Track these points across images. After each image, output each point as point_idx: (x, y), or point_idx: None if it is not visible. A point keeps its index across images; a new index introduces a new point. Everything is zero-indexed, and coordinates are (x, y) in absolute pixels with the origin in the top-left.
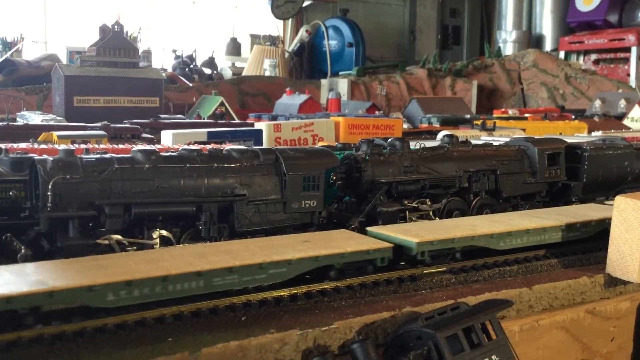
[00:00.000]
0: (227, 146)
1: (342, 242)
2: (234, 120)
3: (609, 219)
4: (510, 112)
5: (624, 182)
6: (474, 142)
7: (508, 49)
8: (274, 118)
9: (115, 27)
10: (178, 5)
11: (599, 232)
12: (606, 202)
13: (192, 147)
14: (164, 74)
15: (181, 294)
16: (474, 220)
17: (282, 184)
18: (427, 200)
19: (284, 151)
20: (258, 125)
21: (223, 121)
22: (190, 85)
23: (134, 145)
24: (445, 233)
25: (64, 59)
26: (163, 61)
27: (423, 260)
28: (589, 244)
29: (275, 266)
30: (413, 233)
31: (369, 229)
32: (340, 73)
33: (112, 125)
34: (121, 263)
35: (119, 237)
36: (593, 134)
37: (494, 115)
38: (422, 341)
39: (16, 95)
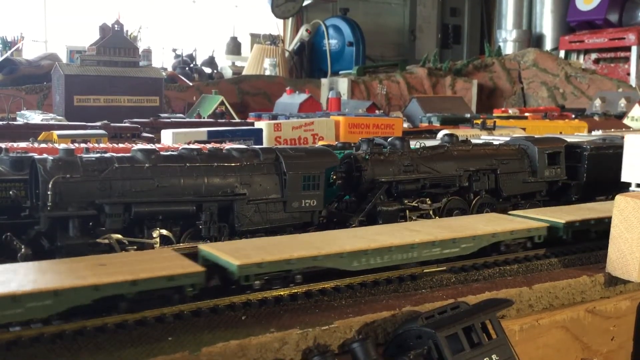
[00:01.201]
0: (227, 145)
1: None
2: (234, 119)
3: (500, 233)
4: (511, 111)
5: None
6: (474, 141)
7: (508, 48)
8: (274, 117)
9: (116, 26)
10: (178, 4)
11: (488, 248)
12: (511, 213)
13: (192, 146)
14: (164, 73)
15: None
16: (332, 235)
17: (282, 183)
18: (427, 199)
19: (284, 150)
20: (258, 125)
21: (223, 120)
22: (191, 84)
23: (134, 145)
24: (280, 253)
25: (64, 58)
26: (163, 60)
27: (250, 286)
28: (589, 244)
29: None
30: (240, 253)
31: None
32: (340, 72)
33: (112, 124)
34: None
35: (119, 236)
36: (593, 133)
37: (494, 115)
38: (422, 340)
39: (16, 94)
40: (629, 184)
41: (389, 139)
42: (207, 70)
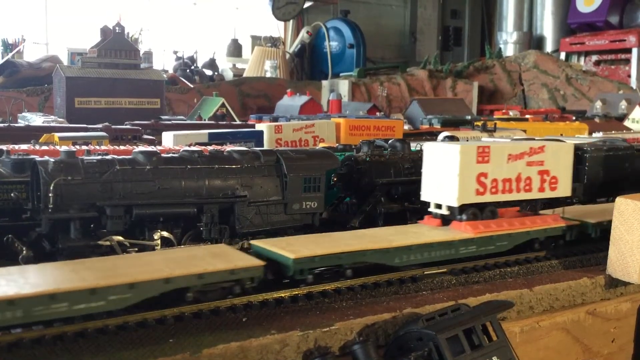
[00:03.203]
0: (228, 147)
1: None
2: (235, 121)
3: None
4: (511, 113)
5: (625, 183)
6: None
7: (509, 50)
8: (275, 119)
9: (117, 28)
10: (179, 6)
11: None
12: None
13: (193, 148)
14: (165, 76)
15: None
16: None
17: (283, 185)
18: None
19: (285, 152)
20: (259, 127)
21: (224, 122)
22: (191, 86)
23: (135, 147)
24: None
25: (65, 61)
26: (164, 62)
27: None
28: (589, 245)
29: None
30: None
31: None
32: (341, 74)
33: (113, 126)
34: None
35: (120, 238)
36: (594, 134)
37: (495, 117)
38: (423, 342)
39: (17, 96)
40: (633, 187)
41: (390, 141)
42: (208, 72)
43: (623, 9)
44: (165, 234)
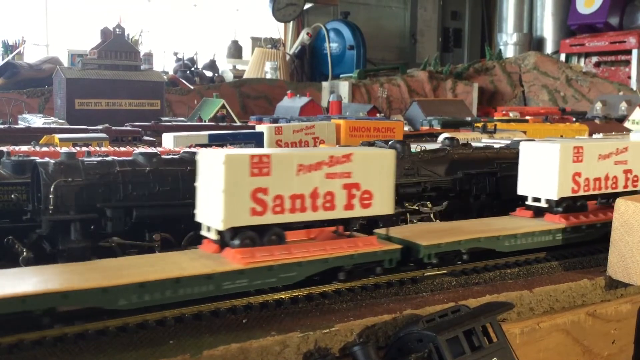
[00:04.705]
0: (229, 149)
1: None
2: (235, 122)
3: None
4: (512, 114)
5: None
6: (474, 144)
7: (509, 52)
8: (275, 120)
9: (117, 30)
10: (179, 8)
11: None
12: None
13: (193, 149)
14: (165, 77)
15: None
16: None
17: None
18: (428, 202)
19: None
20: (259, 128)
21: (224, 124)
22: (192, 88)
23: (135, 148)
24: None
25: (65, 62)
26: (164, 64)
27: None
28: (589, 247)
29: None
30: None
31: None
32: (341, 76)
33: (113, 128)
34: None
35: (120, 239)
36: (594, 136)
37: (495, 118)
38: (423, 344)
39: (18, 98)
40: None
41: (390, 142)
42: (208, 73)
43: (623, 11)
44: (165, 235)
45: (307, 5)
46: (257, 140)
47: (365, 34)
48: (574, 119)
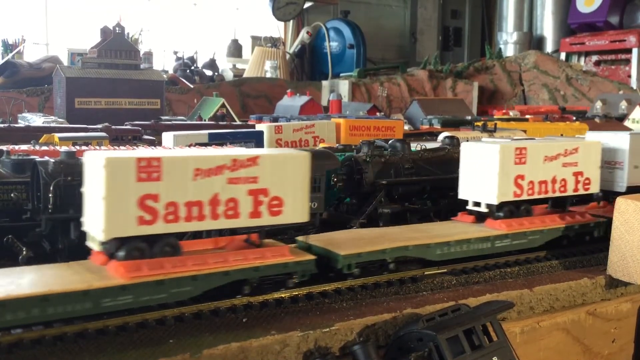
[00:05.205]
0: (228, 148)
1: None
2: (235, 121)
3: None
4: (512, 113)
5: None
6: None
7: (509, 51)
8: (275, 120)
9: (117, 29)
10: (179, 7)
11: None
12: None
13: (193, 149)
14: (165, 76)
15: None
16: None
17: None
18: (428, 201)
19: None
20: (259, 127)
21: (224, 123)
22: (191, 87)
23: (135, 147)
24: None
25: (65, 61)
26: (164, 63)
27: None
28: (590, 246)
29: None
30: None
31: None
32: (341, 74)
33: (113, 127)
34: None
35: None
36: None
37: (495, 117)
38: (423, 343)
39: (17, 97)
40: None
41: (390, 141)
42: (208, 72)
43: (623, 9)
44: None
45: (307, 4)
46: (257, 139)
47: (365, 33)
48: (574, 118)
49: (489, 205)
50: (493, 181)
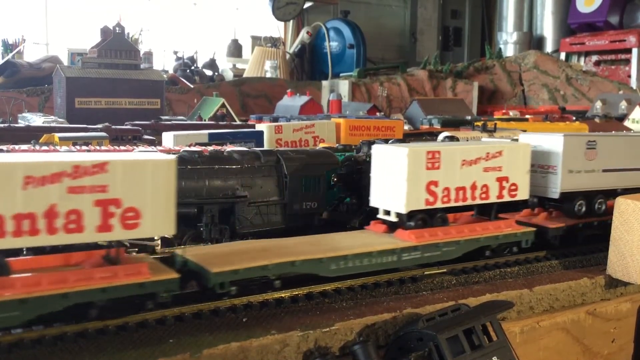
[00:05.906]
0: (228, 148)
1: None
2: (235, 121)
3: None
4: (512, 113)
5: None
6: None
7: (509, 51)
8: (275, 119)
9: (117, 28)
10: (179, 7)
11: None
12: None
13: (193, 148)
14: (165, 76)
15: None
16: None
17: (283, 186)
18: None
19: (285, 152)
20: (259, 127)
21: (224, 123)
22: (191, 86)
23: (135, 147)
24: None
25: (65, 61)
26: (164, 63)
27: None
28: (589, 246)
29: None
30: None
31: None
32: (341, 74)
33: (113, 126)
34: None
35: None
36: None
37: (495, 117)
38: (423, 342)
39: (17, 96)
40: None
41: (390, 141)
42: (208, 72)
43: (623, 9)
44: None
45: (307, 4)
46: (257, 139)
47: (365, 33)
48: (574, 118)
49: (398, 214)
50: (401, 188)
